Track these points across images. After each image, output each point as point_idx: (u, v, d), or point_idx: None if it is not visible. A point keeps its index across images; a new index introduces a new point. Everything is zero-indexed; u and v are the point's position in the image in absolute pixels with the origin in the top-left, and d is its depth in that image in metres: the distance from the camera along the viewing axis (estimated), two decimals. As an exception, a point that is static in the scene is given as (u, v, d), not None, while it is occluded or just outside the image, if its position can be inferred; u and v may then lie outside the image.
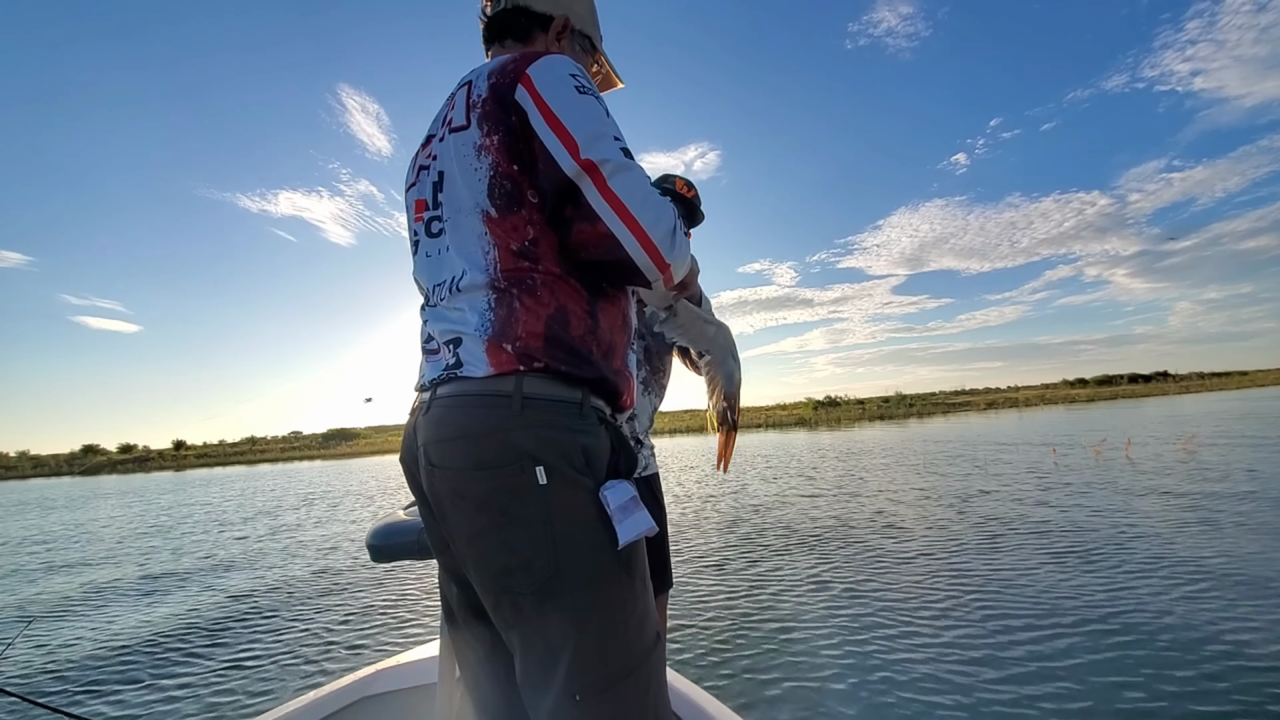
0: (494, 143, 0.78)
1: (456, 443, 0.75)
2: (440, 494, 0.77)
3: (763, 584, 4.33)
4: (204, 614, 4.83)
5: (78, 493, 24.19)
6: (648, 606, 0.79)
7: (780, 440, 24.93)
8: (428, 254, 0.87)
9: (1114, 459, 9.97)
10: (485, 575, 0.75)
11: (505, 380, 0.75)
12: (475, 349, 0.77)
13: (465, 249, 0.81)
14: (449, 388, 0.79)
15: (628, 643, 0.74)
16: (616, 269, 0.80)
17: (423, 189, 0.89)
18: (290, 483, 20.83)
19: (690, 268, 0.99)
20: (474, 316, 0.79)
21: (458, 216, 0.82)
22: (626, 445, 0.82)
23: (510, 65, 0.80)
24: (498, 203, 0.79)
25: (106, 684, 3.50)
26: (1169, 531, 4.91)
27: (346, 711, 1.38)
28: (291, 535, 8.65)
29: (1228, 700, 2.33)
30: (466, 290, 0.80)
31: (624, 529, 0.73)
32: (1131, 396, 60.53)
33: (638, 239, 0.75)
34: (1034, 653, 2.84)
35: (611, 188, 0.75)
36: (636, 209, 0.75)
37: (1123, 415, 24.58)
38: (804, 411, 64.44)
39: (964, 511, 6.43)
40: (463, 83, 0.86)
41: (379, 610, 4.51)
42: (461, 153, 0.81)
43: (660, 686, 0.78)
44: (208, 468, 48.35)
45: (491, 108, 0.79)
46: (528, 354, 0.76)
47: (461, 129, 0.81)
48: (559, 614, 0.71)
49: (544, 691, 0.72)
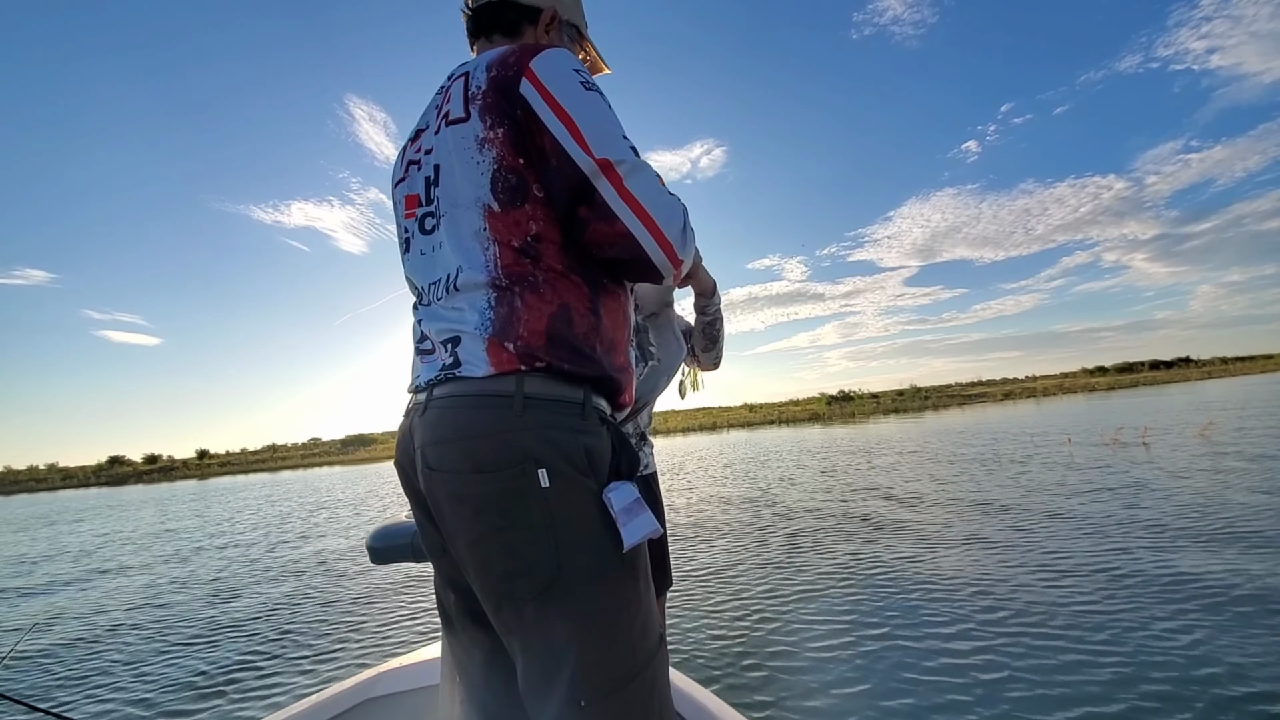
0: (498, 135, 0.77)
1: (455, 445, 0.74)
2: (439, 498, 0.76)
3: (764, 583, 4.34)
4: (206, 616, 4.87)
5: (101, 504, 24.66)
6: (651, 609, 0.78)
7: (793, 436, 24.81)
8: (421, 251, 0.85)
9: (1130, 448, 9.81)
10: (486, 580, 0.74)
11: (506, 380, 0.74)
12: (475, 348, 0.76)
13: (463, 245, 0.79)
14: (447, 388, 0.77)
15: (632, 647, 0.73)
16: (630, 266, 0.80)
17: (414, 184, 0.87)
18: (309, 491, 21.10)
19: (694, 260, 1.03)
20: (474, 315, 0.77)
21: (455, 211, 0.80)
22: (628, 446, 0.81)
23: (511, 58, 0.79)
24: (501, 196, 0.77)
25: (109, 688, 3.53)
26: (1179, 524, 4.86)
27: (351, 713, 1.38)
28: (297, 536, 8.76)
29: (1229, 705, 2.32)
30: (465, 288, 0.78)
31: (629, 531, 0.73)
32: (1153, 384, 59.21)
33: (654, 237, 0.76)
34: (1037, 652, 2.83)
35: (628, 187, 0.75)
36: (652, 208, 0.75)
37: (1143, 403, 24.10)
38: (817, 407, 63.88)
39: (972, 506, 6.37)
40: (457, 74, 0.84)
41: (381, 612, 4.54)
42: (461, 145, 0.78)
43: (664, 689, 0.77)
44: (230, 475, 49.09)
45: (494, 100, 0.77)
46: (530, 353, 0.75)
47: (460, 121, 0.79)
48: (562, 619, 0.70)
49: (547, 698, 0.70)
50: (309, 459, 65.45)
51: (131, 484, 50.74)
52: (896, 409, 50.98)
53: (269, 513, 13.65)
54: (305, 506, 14.27)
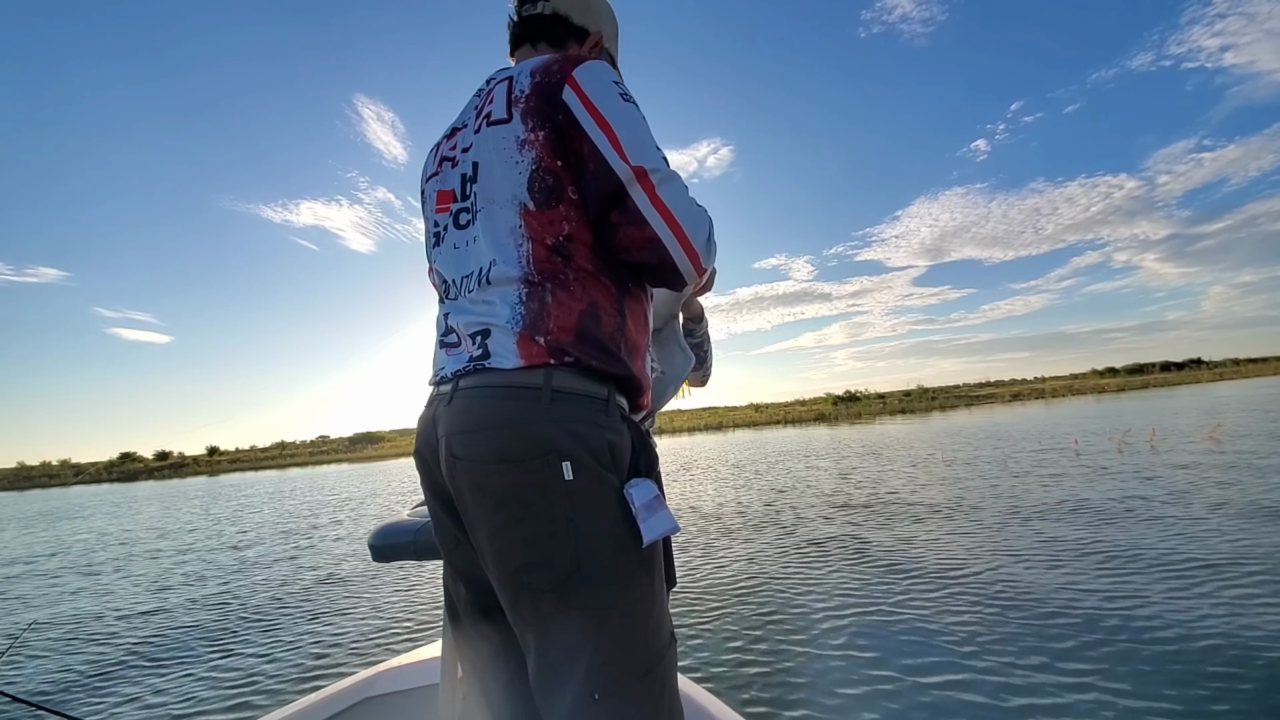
0: (539, 138, 0.79)
1: (482, 434, 0.75)
2: (461, 487, 0.77)
3: (765, 583, 4.35)
4: (207, 616, 4.90)
5: (111, 500, 24.95)
6: (664, 606, 0.80)
7: (799, 436, 24.77)
8: (455, 245, 0.87)
9: (1138, 451, 9.76)
10: (504, 571, 0.75)
11: (535, 373, 0.75)
12: (506, 341, 0.77)
13: (498, 241, 0.80)
14: (475, 379, 0.79)
15: (646, 642, 0.74)
16: (656, 271, 0.83)
17: (448, 179, 0.89)
18: (316, 487, 21.26)
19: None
20: (505, 309, 0.79)
21: (491, 208, 0.82)
22: (648, 444, 0.83)
23: (555, 65, 0.82)
24: (537, 196, 0.79)
25: (108, 686, 3.54)
26: (1183, 525, 4.84)
27: (349, 712, 1.38)
28: (300, 535, 8.83)
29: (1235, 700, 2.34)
30: (497, 282, 0.80)
31: (648, 528, 0.74)
32: (1163, 385, 58.64)
33: (681, 244, 0.79)
34: (1041, 651, 2.84)
35: (660, 196, 0.78)
36: (682, 217, 0.79)
37: (1153, 404, 23.90)
38: (823, 407, 63.69)
39: (976, 507, 6.36)
40: (500, 78, 0.87)
41: (381, 611, 4.56)
42: (501, 145, 0.81)
43: (674, 687, 0.78)
44: (240, 472, 49.55)
45: (537, 104, 0.80)
46: (559, 348, 0.76)
47: (502, 122, 0.82)
48: (579, 612, 0.71)
49: (561, 691, 0.71)
50: (317, 456, 65.94)
51: (143, 480, 51.27)
52: (903, 410, 50.74)
53: (277, 508, 13.76)
54: (309, 505, 14.38)
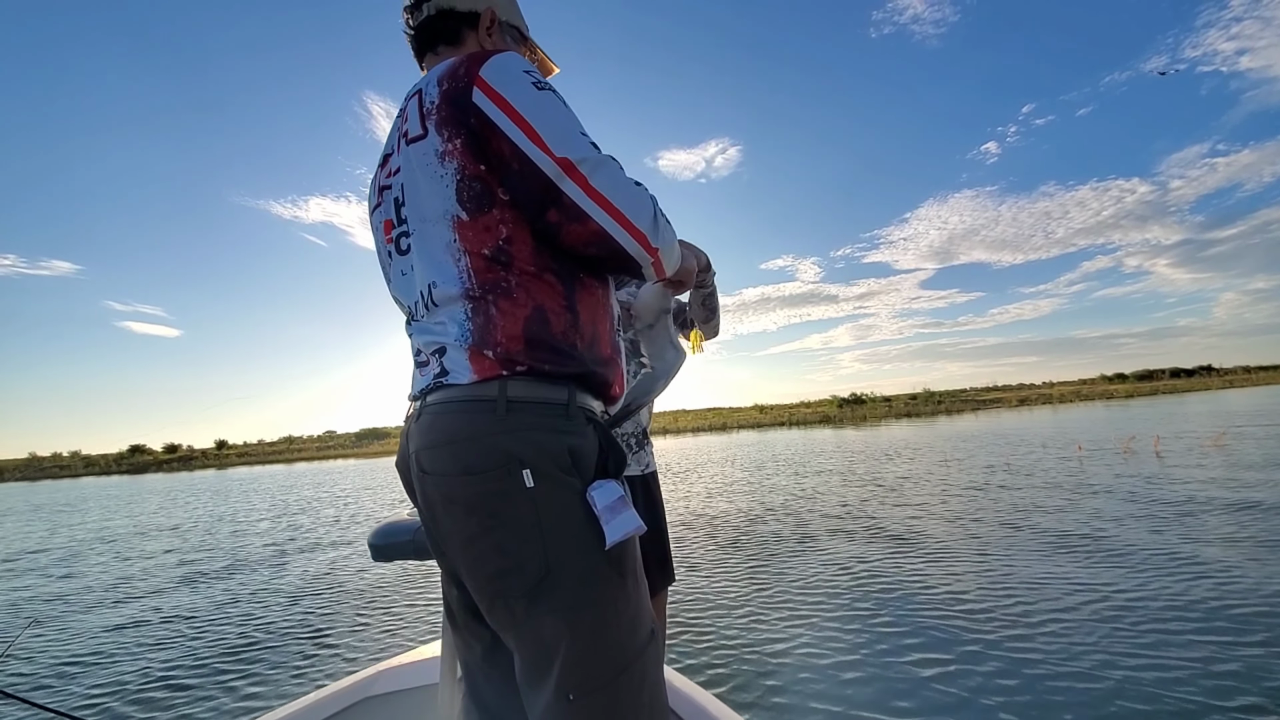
0: (456, 146, 0.78)
1: (445, 448, 0.77)
2: (432, 499, 0.79)
3: (765, 583, 4.38)
4: (207, 615, 4.91)
5: (125, 492, 25.21)
6: (640, 605, 0.80)
7: (802, 438, 24.75)
8: (402, 272, 0.88)
9: (1143, 458, 9.71)
10: (478, 579, 0.77)
11: (489, 385, 0.77)
12: (459, 357, 0.79)
13: (435, 260, 0.81)
14: (437, 395, 0.81)
15: (620, 642, 0.75)
16: (609, 262, 0.82)
17: (387, 209, 0.89)
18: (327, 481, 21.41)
19: (682, 259, 1.01)
20: (454, 327, 0.80)
21: (424, 227, 0.81)
22: (615, 445, 0.83)
23: (461, 68, 0.80)
24: (468, 205, 0.78)
25: (107, 685, 3.53)
26: (1182, 527, 4.85)
27: (349, 712, 1.39)
28: (302, 534, 8.88)
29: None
30: (442, 303, 0.81)
31: (611, 529, 0.74)
32: (1172, 392, 58.06)
33: (627, 230, 0.78)
34: (1040, 650, 2.86)
35: (595, 185, 0.76)
36: (621, 202, 0.77)
37: (1162, 411, 23.72)
38: (828, 409, 63.54)
39: (976, 511, 6.37)
40: (411, 93, 0.85)
41: (381, 610, 4.57)
42: (424, 162, 0.80)
43: (656, 684, 0.79)
44: (248, 466, 49.81)
45: (448, 112, 0.78)
46: (509, 358, 0.77)
47: (419, 139, 0.81)
48: (551, 615, 0.73)
49: (539, 691, 0.73)
50: (324, 451, 66.32)
51: (152, 472, 51.75)
52: (909, 413, 50.57)
53: (285, 501, 13.86)
54: (314, 503, 14.50)
